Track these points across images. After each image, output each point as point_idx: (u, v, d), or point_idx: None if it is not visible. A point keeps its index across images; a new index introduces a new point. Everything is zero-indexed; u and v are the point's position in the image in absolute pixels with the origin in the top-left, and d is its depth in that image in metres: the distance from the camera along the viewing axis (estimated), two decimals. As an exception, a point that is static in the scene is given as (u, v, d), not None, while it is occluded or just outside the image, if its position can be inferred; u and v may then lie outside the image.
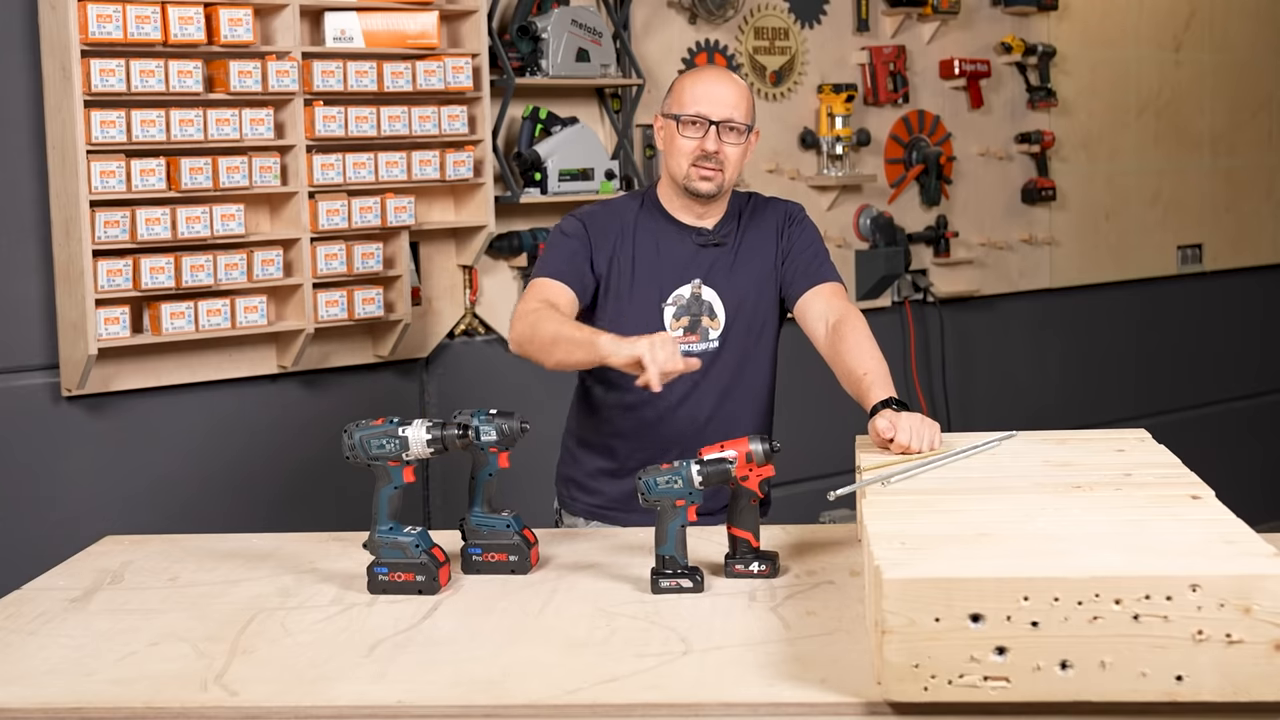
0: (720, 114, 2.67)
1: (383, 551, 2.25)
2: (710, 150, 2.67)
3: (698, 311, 2.74)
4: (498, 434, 2.36)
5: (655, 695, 1.82)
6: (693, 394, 2.73)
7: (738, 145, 2.70)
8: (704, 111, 2.67)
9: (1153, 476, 2.20)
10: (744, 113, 2.70)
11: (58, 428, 3.56)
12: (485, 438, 2.36)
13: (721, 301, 2.74)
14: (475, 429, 2.34)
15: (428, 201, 3.99)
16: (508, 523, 2.36)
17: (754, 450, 2.26)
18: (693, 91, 2.70)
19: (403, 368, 4.07)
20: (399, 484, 2.26)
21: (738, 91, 2.71)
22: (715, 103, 2.68)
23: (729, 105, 2.68)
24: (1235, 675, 1.69)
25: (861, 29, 4.91)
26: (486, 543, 2.36)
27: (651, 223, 2.78)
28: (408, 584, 2.24)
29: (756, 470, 2.27)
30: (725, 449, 2.26)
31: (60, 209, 3.43)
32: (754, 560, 2.29)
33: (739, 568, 2.29)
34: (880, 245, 4.89)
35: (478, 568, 2.35)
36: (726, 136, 2.68)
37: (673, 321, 2.73)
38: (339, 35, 3.73)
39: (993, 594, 1.71)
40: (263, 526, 3.06)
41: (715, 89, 2.70)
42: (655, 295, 2.73)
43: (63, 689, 1.91)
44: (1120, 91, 5.62)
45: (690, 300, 2.74)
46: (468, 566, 2.36)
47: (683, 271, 2.74)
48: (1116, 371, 5.70)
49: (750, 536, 2.29)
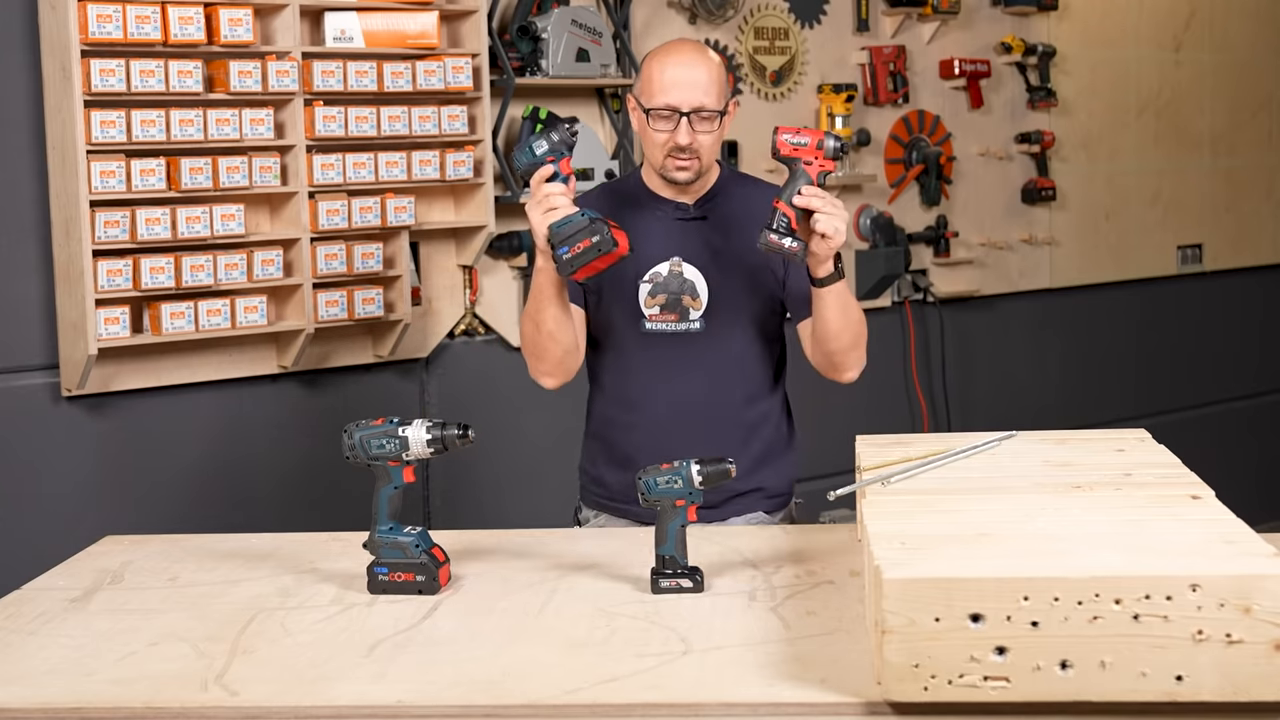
0: (690, 103, 2.58)
1: (383, 551, 2.25)
2: (684, 144, 2.60)
3: (677, 290, 2.67)
4: (548, 143, 2.48)
5: (655, 695, 1.82)
6: (676, 376, 2.67)
7: (711, 132, 2.61)
8: (673, 102, 2.58)
9: (1153, 476, 2.20)
10: (715, 96, 2.60)
11: (58, 428, 3.56)
12: (539, 149, 2.51)
13: (705, 280, 2.67)
14: (529, 148, 2.48)
15: (428, 201, 3.99)
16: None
17: (827, 144, 2.44)
18: (660, 80, 2.60)
19: (403, 368, 4.07)
20: (399, 484, 2.26)
21: (707, 73, 2.60)
22: (684, 89, 2.58)
23: (699, 91, 2.58)
24: (1235, 675, 1.69)
25: (861, 29, 4.91)
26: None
27: (631, 198, 2.73)
28: (408, 584, 2.24)
29: (821, 160, 2.44)
30: (803, 133, 2.45)
31: (60, 209, 3.43)
32: (793, 239, 2.43)
33: (773, 238, 2.43)
34: (880, 245, 4.89)
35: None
36: (699, 125, 2.60)
37: (647, 299, 2.67)
38: (339, 35, 3.73)
39: (993, 594, 1.71)
40: (263, 526, 3.06)
41: (683, 74, 2.59)
42: (632, 270, 2.66)
43: (63, 689, 1.90)
44: (1120, 91, 5.62)
45: (669, 278, 2.67)
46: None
47: (657, 246, 2.67)
48: (1116, 372, 5.70)
49: (791, 214, 2.43)
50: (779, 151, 2.46)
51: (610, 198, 2.77)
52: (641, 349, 2.70)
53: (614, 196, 2.77)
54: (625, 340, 2.71)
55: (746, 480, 2.65)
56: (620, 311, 2.69)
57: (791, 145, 2.45)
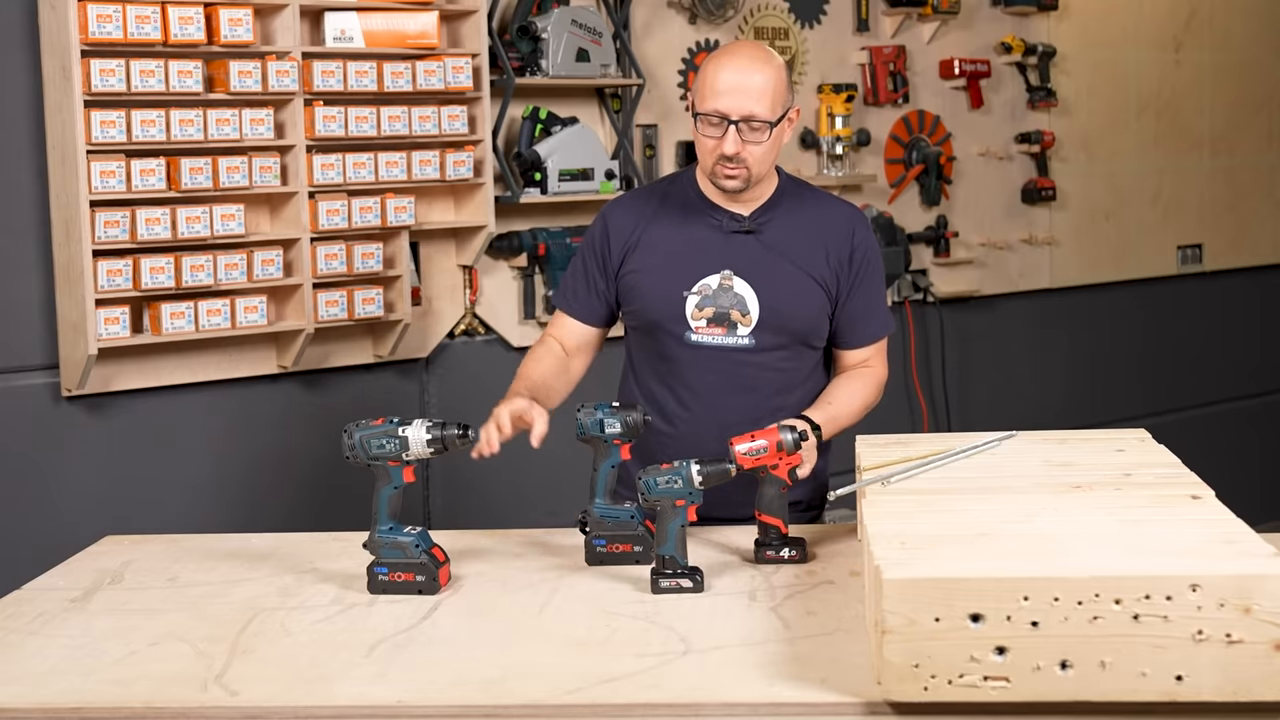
0: (740, 110, 2.45)
1: (383, 551, 2.25)
2: (729, 153, 2.47)
3: (726, 305, 2.56)
4: (622, 426, 2.39)
5: (655, 695, 1.82)
6: (719, 391, 2.58)
7: (762, 143, 2.47)
8: (722, 109, 2.46)
9: (1153, 476, 2.21)
10: (769, 105, 2.46)
11: (58, 428, 3.56)
12: (610, 430, 2.39)
13: (755, 296, 2.56)
14: (599, 421, 2.39)
15: (428, 201, 3.99)
16: (631, 513, 2.37)
17: (784, 440, 2.31)
18: (712, 83, 2.47)
19: (403, 368, 4.07)
20: (399, 484, 2.26)
21: (763, 80, 2.46)
22: (735, 96, 2.45)
23: (751, 98, 2.45)
24: (1235, 675, 1.69)
25: (861, 29, 4.91)
26: (610, 533, 2.37)
27: (681, 202, 2.62)
28: (408, 584, 2.24)
29: (785, 459, 2.32)
30: (756, 438, 2.32)
31: (60, 209, 3.43)
32: (783, 546, 2.34)
33: (770, 554, 2.34)
34: (880, 245, 4.89)
35: (602, 559, 2.36)
36: (749, 135, 2.46)
37: (694, 312, 2.56)
38: (339, 35, 3.73)
39: (993, 594, 1.71)
40: (263, 526, 3.06)
41: (736, 79, 2.46)
42: (677, 282, 2.57)
43: (63, 689, 1.91)
44: (1120, 91, 5.62)
45: (718, 291, 2.56)
46: (590, 557, 2.37)
47: (709, 258, 2.56)
48: (1116, 372, 5.70)
49: (780, 523, 2.34)
50: (741, 468, 2.30)
51: (658, 199, 2.67)
52: (685, 362, 2.60)
53: (662, 198, 2.66)
54: (669, 350, 2.62)
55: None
56: (665, 320, 2.60)
57: (752, 458, 2.31)
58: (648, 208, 2.65)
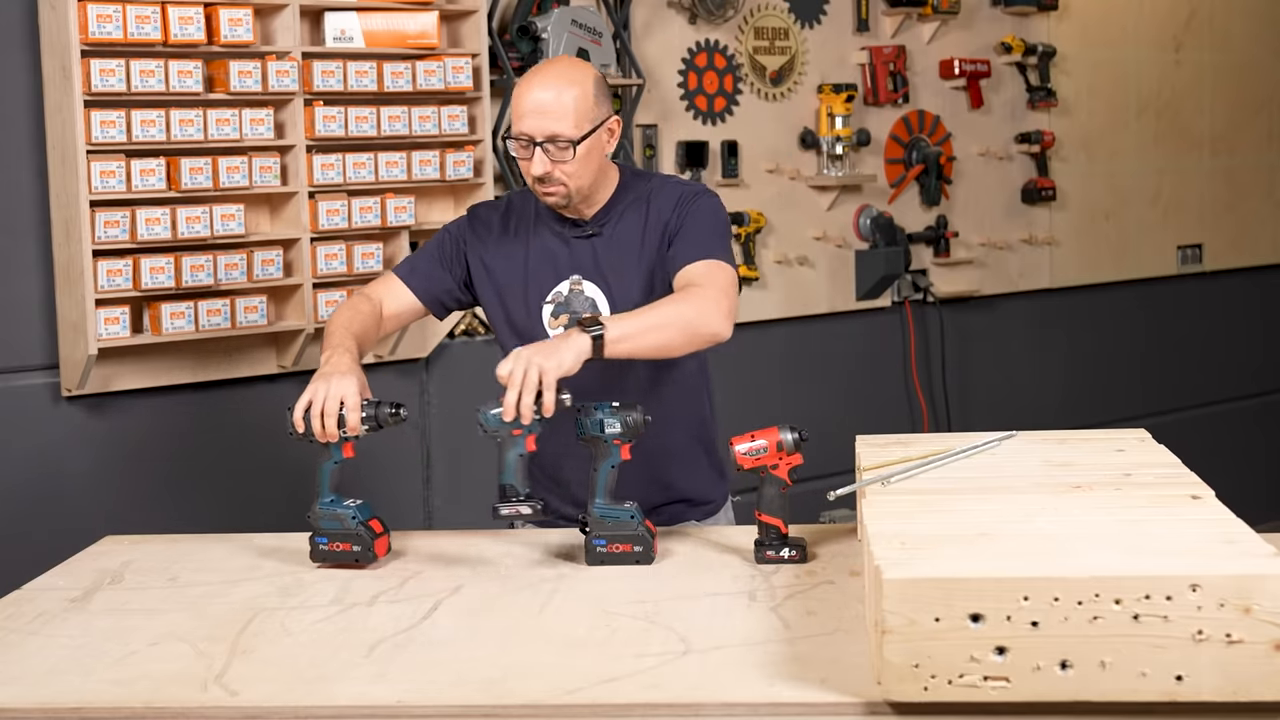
0: (543, 132, 2.45)
1: (322, 523, 2.39)
2: (538, 174, 2.48)
3: (579, 309, 2.58)
4: (622, 426, 2.38)
5: (655, 695, 1.82)
6: (596, 397, 2.45)
7: (569, 161, 2.46)
8: (526, 130, 2.46)
9: (1153, 476, 2.20)
10: (572, 123, 2.46)
11: (58, 428, 3.56)
12: (610, 430, 2.38)
13: (605, 297, 2.58)
14: (599, 421, 2.37)
15: (428, 201, 3.99)
16: (631, 513, 2.38)
17: (784, 439, 2.33)
18: (518, 106, 2.47)
19: (403, 368, 4.07)
20: (338, 459, 2.41)
21: (568, 98, 2.45)
22: (537, 118, 2.45)
23: (551, 119, 2.44)
24: (1235, 675, 1.69)
25: (861, 29, 4.91)
26: (610, 534, 2.37)
27: (530, 217, 2.64)
28: (345, 553, 2.38)
29: (786, 459, 2.33)
30: (756, 438, 2.33)
31: (60, 209, 3.43)
32: (784, 546, 2.35)
33: (770, 554, 2.35)
34: (880, 245, 4.90)
35: (603, 559, 2.38)
36: (556, 155, 2.45)
37: (551, 320, 2.59)
38: (339, 35, 3.73)
39: (993, 594, 1.71)
40: (263, 526, 3.05)
41: (538, 100, 2.46)
42: (534, 293, 2.60)
43: (63, 689, 1.91)
44: (1120, 91, 5.62)
45: (570, 296, 2.59)
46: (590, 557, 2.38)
47: (557, 267, 2.60)
48: (1116, 372, 5.70)
49: (780, 523, 2.35)
50: (740, 467, 2.33)
51: (502, 216, 2.69)
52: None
53: (506, 216, 2.69)
54: None
55: (665, 493, 2.66)
56: (526, 332, 2.61)
57: (752, 458, 2.33)
58: (509, 218, 2.68)
